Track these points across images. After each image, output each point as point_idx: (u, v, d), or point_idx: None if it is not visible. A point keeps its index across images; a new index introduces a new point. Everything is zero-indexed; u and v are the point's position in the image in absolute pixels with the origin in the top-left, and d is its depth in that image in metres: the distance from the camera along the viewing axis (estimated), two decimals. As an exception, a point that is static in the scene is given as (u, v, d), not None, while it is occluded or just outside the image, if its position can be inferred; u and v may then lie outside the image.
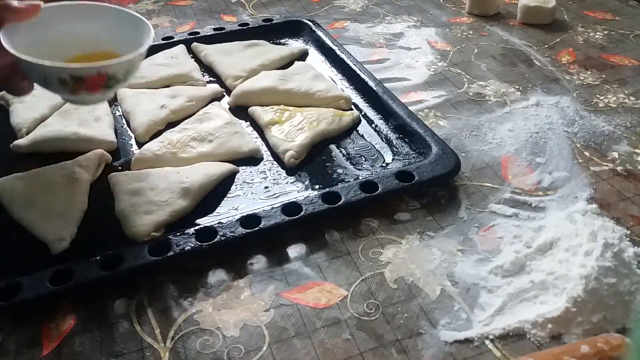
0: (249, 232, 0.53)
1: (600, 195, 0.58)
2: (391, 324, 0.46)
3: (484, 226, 0.55)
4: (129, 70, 0.52)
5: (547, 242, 0.51)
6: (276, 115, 0.68)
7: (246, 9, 1.03)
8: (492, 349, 0.44)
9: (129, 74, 0.53)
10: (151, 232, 0.53)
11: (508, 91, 0.76)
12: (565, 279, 0.46)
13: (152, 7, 1.05)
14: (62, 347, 0.46)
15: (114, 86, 0.52)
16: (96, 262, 0.50)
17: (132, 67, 0.53)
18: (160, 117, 0.69)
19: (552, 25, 0.93)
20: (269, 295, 0.49)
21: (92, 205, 0.58)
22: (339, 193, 0.56)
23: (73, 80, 0.50)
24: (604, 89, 0.75)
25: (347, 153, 0.65)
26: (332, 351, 0.44)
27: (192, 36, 0.88)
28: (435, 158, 0.60)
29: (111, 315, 0.48)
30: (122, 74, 0.52)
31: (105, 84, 0.51)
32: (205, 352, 0.45)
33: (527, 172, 0.62)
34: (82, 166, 0.61)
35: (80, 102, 0.57)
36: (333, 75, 0.80)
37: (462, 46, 0.88)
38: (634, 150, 0.64)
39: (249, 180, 0.62)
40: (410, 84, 0.78)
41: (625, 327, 0.44)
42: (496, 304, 0.47)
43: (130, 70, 0.53)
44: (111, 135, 0.67)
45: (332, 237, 0.54)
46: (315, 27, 0.89)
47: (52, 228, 0.54)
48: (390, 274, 0.50)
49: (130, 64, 0.52)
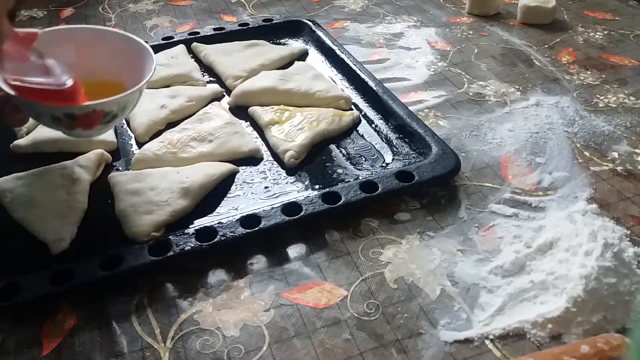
0: (249, 232, 0.53)
1: (600, 195, 0.58)
2: (391, 324, 0.46)
3: (484, 226, 0.55)
4: (126, 106, 0.51)
5: (547, 242, 0.51)
6: (276, 115, 0.68)
7: (246, 9, 1.03)
8: (492, 349, 0.44)
9: (126, 109, 0.51)
10: (151, 232, 0.53)
11: (508, 91, 0.76)
12: (565, 279, 0.46)
13: (152, 7, 1.05)
14: (62, 347, 0.46)
15: (112, 121, 0.51)
16: (96, 262, 0.50)
17: (129, 103, 0.51)
18: (160, 117, 0.69)
19: (552, 25, 0.93)
20: (269, 295, 0.49)
21: (92, 205, 0.58)
22: (339, 193, 0.56)
23: (67, 118, 0.49)
24: (604, 89, 0.75)
25: (347, 153, 0.65)
26: (332, 351, 0.44)
27: (192, 36, 0.88)
28: (435, 158, 0.60)
29: (111, 315, 0.48)
30: (119, 110, 0.50)
31: (102, 120, 0.50)
32: (205, 352, 0.45)
33: (527, 172, 0.62)
34: (82, 166, 0.61)
35: (78, 136, 0.54)
36: (333, 75, 0.80)
37: (462, 46, 0.88)
38: (634, 150, 0.64)
39: (249, 180, 0.62)
40: (410, 84, 0.78)
41: (625, 327, 0.44)
42: (496, 304, 0.47)
43: (127, 105, 0.51)
44: (111, 135, 0.67)
45: (332, 237, 0.54)
46: (315, 27, 0.89)
47: (52, 228, 0.54)
48: (390, 274, 0.50)
49: (127, 101, 0.51)
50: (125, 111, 0.52)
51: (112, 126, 0.53)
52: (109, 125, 0.52)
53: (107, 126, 0.52)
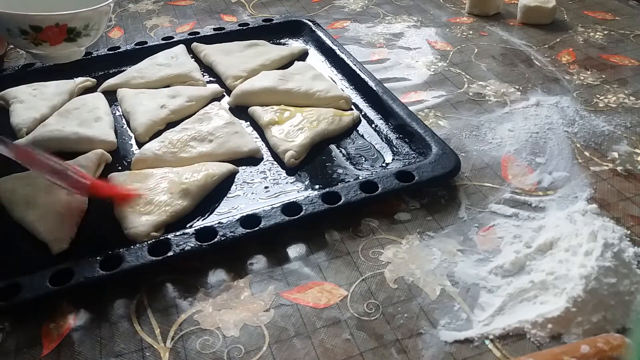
0: (249, 232, 0.53)
1: (600, 195, 0.58)
2: (391, 324, 0.46)
3: (484, 226, 0.55)
4: (88, 24, 0.54)
5: (547, 242, 0.51)
6: (276, 115, 0.68)
7: (246, 9, 1.03)
8: (492, 349, 0.44)
9: (89, 28, 0.55)
10: (151, 233, 0.53)
11: (508, 91, 0.76)
12: (565, 279, 0.46)
13: (152, 7, 1.05)
14: (62, 347, 0.46)
15: (75, 40, 0.54)
16: (96, 262, 0.50)
17: (91, 21, 0.54)
18: (160, 117, 0.69)
19: (552, 25, 0.93)
20: (269, 295, 0.49)
21: (92, 205, 0.58)
22: (339, 193, 0.56)
23: (33, 30, 0.52)
24: (604, 89, 0.75)
25: (347, 153, 0.65)
26: (332, 351, 0.44)
27: (192, 36, 0.88)
28: (435, 158, 0.60)
29: (111, 315, 0.48)
30: (81, 26, 0.53)
31: (66, 36, 0.53)
32: (205, 352, 0.45)
33: (527, 172, 0.62)
34: (82, 166, 0.61)
35: (47, 57, 0.59)
36: (333, 75, 0.80)
37: (462, 46, 0.88)
38: (634, 150, 0.64)
39: (249, 180, 0.62)
40: (410, 84, 0.78)
41: (625, 327, 0.44)
42: (496, 304, 0.47)
43: (89, 24, 0.54)
44: (111, 135, 0.67)
45: (332, 237, 0.54)
46: (315, 27, 0.89)
47: (52, 228, 0.54)
48: (390, 274, 0.50)
49: (89, 18, 0.54)
50: (88, 30, 0.55)
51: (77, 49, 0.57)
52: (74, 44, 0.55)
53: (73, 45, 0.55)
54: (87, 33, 0.55)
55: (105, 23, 0.59)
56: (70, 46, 0.55)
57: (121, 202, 0.55)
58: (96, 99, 0.73)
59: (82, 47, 0.61)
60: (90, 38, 0.57)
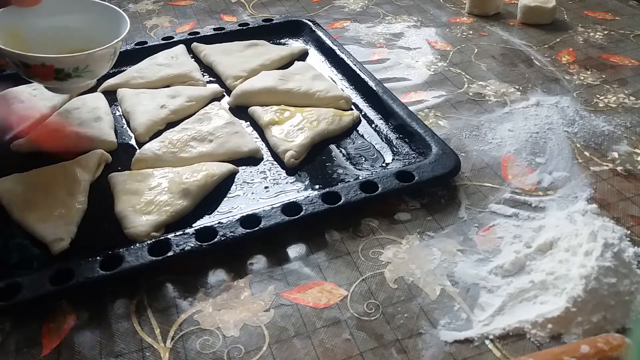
0: (249, 232, 0.53)
1: (600, 195, 0.58)
2: (391, 324, 0.46)
3: (484, 226, 0.55)
4: (78, 67, 0.53)
5: (547, 242, 0.51)
6: (276, 115, 0.68)
7: (246, 9, 1.03)
8: (492, 349, 0.44)
9: (80, 70, 0.53)
10: (151, 233, 0.53)
11: (508, 91, 0.76)
12: (565, 279, 0.46)
13: (152, 7, 1.05)
14: (62, 347, 0.46)
15: (66, 80, 0.53)
16: (96, 262, 0.50)
17: (81, 65, 0.53)
18: (160, 117, 0.69)
19: (552, 25, 0.93)
20: (269, 295, 0.49)
21: (92, 205, 0.58)
22: (339, 193, 0.56)
23: (24, 66, 0.52)
24: (604, 89, 0.75)
25: (347, 153, 0.65)
26: (332, 351, 0.44)
27: (192, 36, 0.88)
28: (435, 158, 0.60)
29: (111, 315, 0.48)
30: (70, 69, 0.53)
31: (55, 76, 0.53)
32: (205, 352, 0.45)
33: (527, 172, 0.62)
34: (82, 166, 0.61)
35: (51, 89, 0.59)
36: (333, 75, 0.80)
37: (462, 46, 0.88)
38: (634, 150, 0.64)
39: (249, 180, 0.62)
40: (410, 84, 0.78)
41: (625, 327, 0.44)
42: (496, 304, 0.47)
43: (80, 67, 0.53)
44: (111, 135, 0.67)
45: (332, 237, 0.54)
46: (315, 27, 0.89)
47: (52, 228, 0.54)
48: (390, 274, 0.50)
49: (78, 62, 0.53)
50: (80, 72, 0.53)
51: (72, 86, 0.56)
52: (65, 83, 0.54)
53: (63, 84, 0.54)
54: (79, 75, 0.53)
55: (105, 65, 0.56)
56: (62, 84, 0.54)
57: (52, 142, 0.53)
58: (96, 99, 0.73)
59: (79, 84, 0.59)
60: (83, 79, 0.55)
